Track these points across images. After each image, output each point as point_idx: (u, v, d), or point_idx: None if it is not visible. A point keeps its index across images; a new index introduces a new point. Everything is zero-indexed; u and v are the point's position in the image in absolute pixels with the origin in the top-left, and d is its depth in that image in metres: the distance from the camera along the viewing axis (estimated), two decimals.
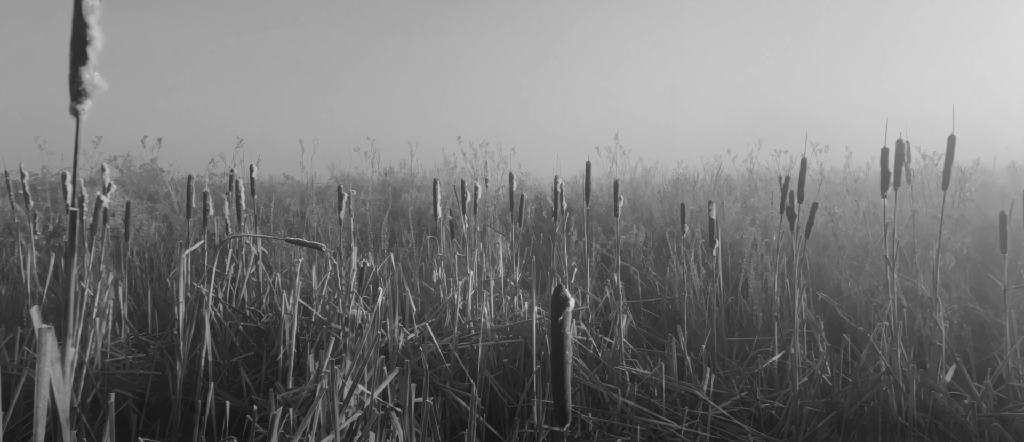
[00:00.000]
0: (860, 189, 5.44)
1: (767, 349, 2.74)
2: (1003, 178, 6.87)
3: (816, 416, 2.18)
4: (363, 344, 1.61)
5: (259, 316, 2.68)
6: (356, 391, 1.52)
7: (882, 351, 2.20)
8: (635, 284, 3.96)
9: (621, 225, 5.07)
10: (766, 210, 4.83)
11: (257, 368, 2.37)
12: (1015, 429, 1.93)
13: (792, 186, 2.70)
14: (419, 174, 7.36)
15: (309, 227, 4.72)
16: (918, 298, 3.01)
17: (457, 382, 2.43)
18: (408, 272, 3.90)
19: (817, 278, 3.81)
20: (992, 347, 2.67)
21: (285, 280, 2.89)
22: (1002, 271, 2.44)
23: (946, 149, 2.27)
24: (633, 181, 7.46)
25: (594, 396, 2.44)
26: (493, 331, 2.71)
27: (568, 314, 0.87)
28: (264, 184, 7.67)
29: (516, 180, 3.63)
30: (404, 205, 5.67)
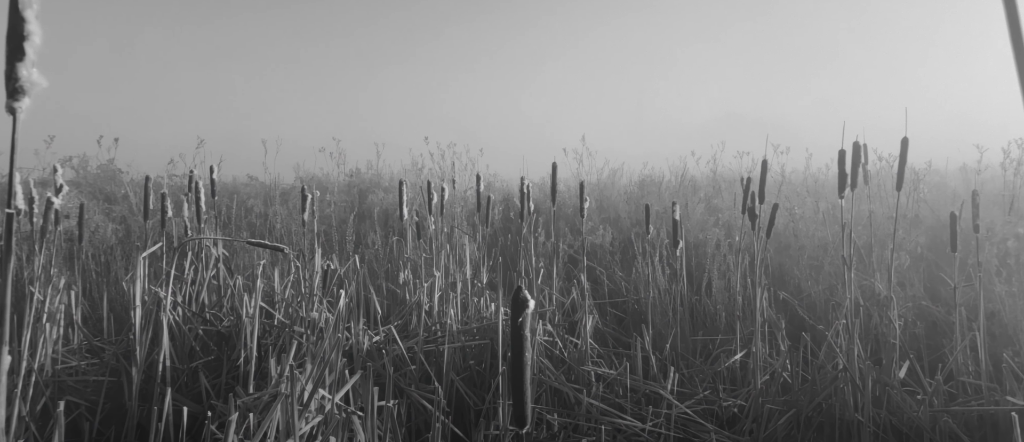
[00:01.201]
0: (820, 190, 5.57)
1: (730, 348, 2.79)
2: (955, 180, 7.09)
3: (776, 414, 2.21)
4: (325, 347, 1.59)
5: (220, 320, 2.62)
6: (317, 395, 1.49)
7: (839, 349, 2.25)
8: (602, 284, 3.99)
9: (588, 226, 5.10)
10: (729, 211, 4.91)
11: (218, 373, 2.32)
12: (964, 422, 1.99)
13: (754, 187, 2.75)
14: (386, 175, 7.30)
15: (273, 229, 4.64)
16: (875, 296, 3.09)
17: (423, 384, 2.41)
18: (374, 274, 3.86)
19: (779, 278, 3.89)
20: (944, 344, 2.76)
21: (247, 283, 2.84)
22: (953, 270, 2.52)
23: (900, 151, 2.33)
24: (600, 182, 7.51)
25: (560, 396, 2.45)
26: (459, 333, 2.70)
27: (528, 316, 0.87)
28: (227, 185, 7.51)
29: (484, 181, 3.62)
30: (371, 206, 5.62)
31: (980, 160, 4.74)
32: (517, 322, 0.86)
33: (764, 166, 2.66)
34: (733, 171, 7.27)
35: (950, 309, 2.94)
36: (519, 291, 0.87)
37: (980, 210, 2.44)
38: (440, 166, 6.43)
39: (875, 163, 5.49)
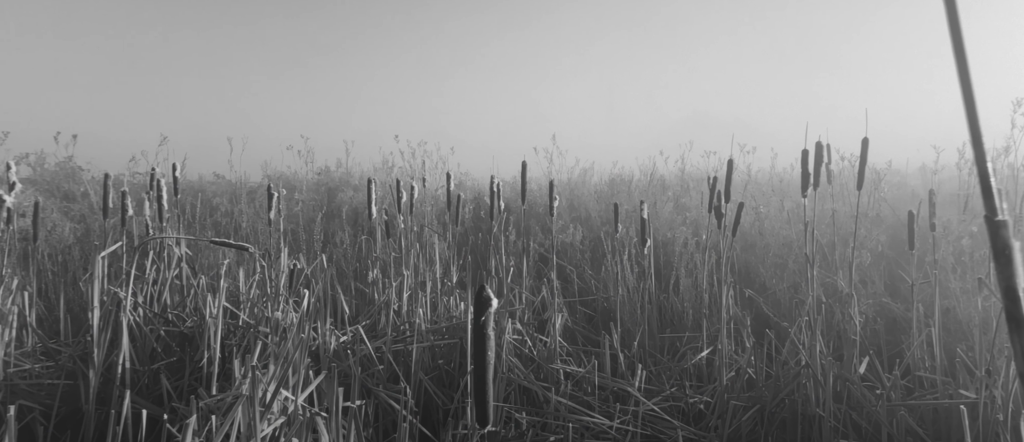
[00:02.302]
0: (785, 189, 5.68)
1: (697, 345, 2.82)
2: (915, 179, 7.29)
3: (741, 410, 2.25)
4: (288, 348, 1.57)
5: (183, 320, 2.57)
6: (280, 396, 1.47)
7: (802, 345, 2.30)
8: (572, 283, 4.01)
9: (558, 224, 5.11)
10: (697, 209, 4.97)
11: (180, 374, 2.28)
12: (920, 416, 2.05)
13: (720, 186, 2.79)
14: (356, 173, 7.22)
15: (239, 228, 4.56)
16: (838, 294, 3.16)
17: (391, 384, 2.39)
18: (343, 274, 3.82)
19: (745, 275, 3.95)
20: (903, 339, 2.83)
21: (211, 283, 2.79)
22: (912, 267, 2.59)
23: (860, 151, 2.38)
24: (571, 181, 7.54)
25: (529, 395, 2.45)
26: (428, 332, 2.69)
27: (490, 315, 0.87)
28: (193, 183, 7.37)
29: (454, 180, 3.61)
30: (340, 205, 5.56)
31: (937, 160, 4.89)
32: (480, 321, 0.86)
33: (730, 165, 2.70)
34: (701, 170, 7.37)
35: (909, 305, 3.02)
36: (482, 290, 0.86)
37: (937, 209, 2.51)
38: (410, 164, 6.39)
39: (838, 163, 5.62)
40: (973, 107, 0.44)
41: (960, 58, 0.44)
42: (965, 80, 0.44)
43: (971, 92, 0.44)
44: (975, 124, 0.44)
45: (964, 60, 0.44)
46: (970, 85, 0.44)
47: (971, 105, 0.44)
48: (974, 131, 0.44)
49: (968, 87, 0.44)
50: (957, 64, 0.45)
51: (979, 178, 0.43)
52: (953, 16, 0.44)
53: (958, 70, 0.45)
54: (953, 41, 0.45)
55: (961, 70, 0.44)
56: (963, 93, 0.45)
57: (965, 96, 0.45)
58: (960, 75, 0.45)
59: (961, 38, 0.44)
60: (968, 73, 0.44)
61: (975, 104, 0.44)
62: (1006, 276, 0.42)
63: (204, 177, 7.68)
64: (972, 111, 0.44)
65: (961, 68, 0.44)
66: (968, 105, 0.44)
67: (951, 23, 0.44)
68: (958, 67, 0.45)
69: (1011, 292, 0.42)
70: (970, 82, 0.44)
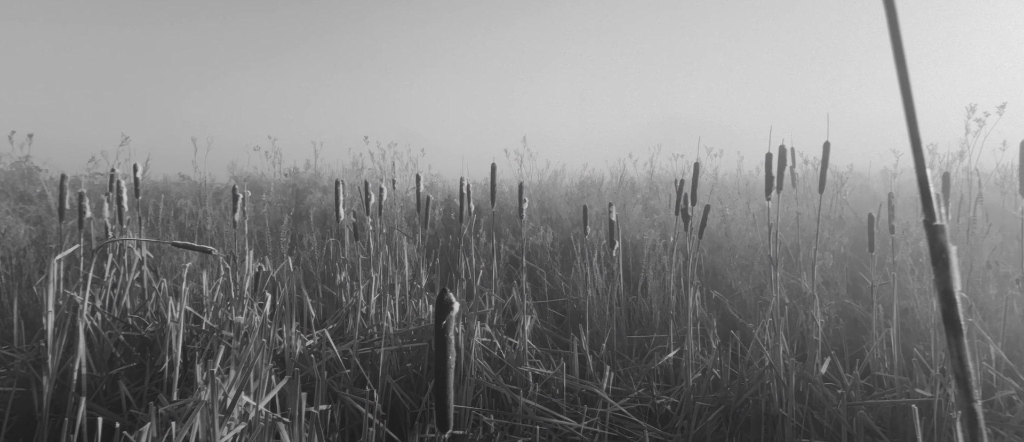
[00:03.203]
0: (751, 192, 5.77)
1: (664, 346, 2.85)
2: (877, 183, 7.47)
3: (707, 410, 2.28)
4: (249, 352, 1.54)
5: (144, 324, 2.51)
6: (242, 402, 1.45)
7: (766, 346, 2.33)
8: (542, 285, 4.01)
9: (529, 226, 5.12)
10: (665, 212, 5.02)
11: (140, 380, 2.22)
12: (879, 414, 2.10)
13: (686, 189, 2.82)
14: (325, 175, 7.14)
15: (204, 230, 4.47)
16: (801, 294, 3.22)
17: (358, 388, 2.37)
18: (310, 276, 3.77)
19: (712, 277, 4.00)
20: (863, 339, 2.90)
21: (174, 286, 2.73)
22: (872, 269, 2.65)
23: (822, 155, 2.43)
24: (542, 183, 7.56)
25: (497, 398, 2.45)
26: (396, 335, 2.67)
27: (452, 318, 0.86)
28: (157, 184, 7.20)
29: (425, 182, 3.59)
30: (308, 207, 5.49)
31: (896, 164, 5.02)
32: (441, 325, 0.85)
33: (696, 169, 2.74)
34: (669, 173, 7.45)
35: (869, 306, 3.09)
36: (443, 293, 0.86)
37: (896, 212, 2.58)
38: (380, 166, 6.33)
39: (802, 166, 5.73)
40: (913, 118, 0.45)
41: (902, 73, 0.45)
42: (906, 93, 0.45)
43: (912, 105, 0.45)
44: (915, 134, 0.45)
45: (905, 74, 0.45)
46: (911, 98, 0.45)
47: (912, 116, 0.45)
48: (914, 140, 0.45)
49: (909, 99, 0.45)
50: (899, 78, 0.46)
51: (919, 184, 0.44)
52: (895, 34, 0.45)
53: (900, 84, 0.46)
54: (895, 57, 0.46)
55: (903, 84, 0.45)
56: (904, 106, 0.46)
57: (906, 109, 0.46)
58: (902, 89, 0.46)
59: (903, 53, 0.45)
60: (909, 86, 0.46)
61: (915, 115, 0.45)
62: (943, 279, 0.43)
63: (169, 178, 7.52)
64: (912, 121, 0.45)
65: (903, 82, 0.45)
66: (909, 116, 0.45)
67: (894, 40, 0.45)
68: (900, 81, 0.46)
69: (948, 295, 0.43)
70: (911, 95, 0.46)
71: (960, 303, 0.43)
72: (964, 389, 0.41)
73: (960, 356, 0.41)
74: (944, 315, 0.43)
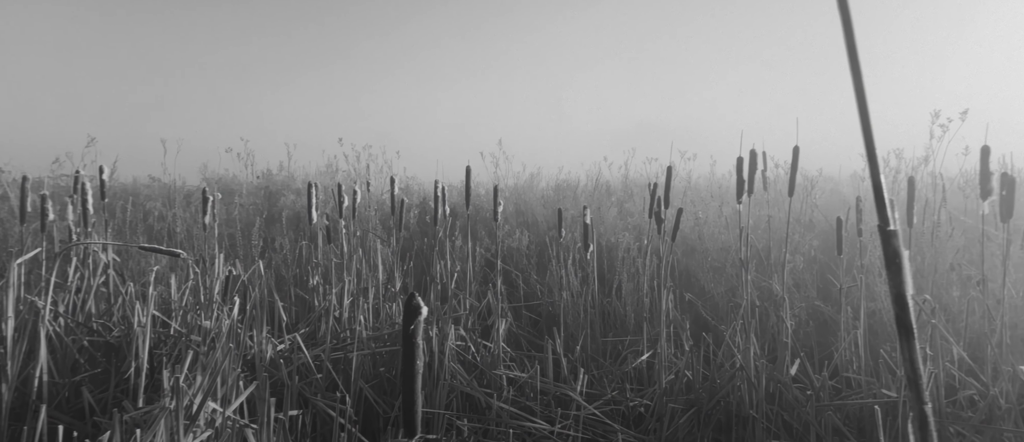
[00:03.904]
0: (723, 195, 5.84)
1: (638, 349, 2.87)
2: (847, 186, 7.61)
3: (679, 412, 2.30)
4: (217, 357, 1.51)
5: (109, 330, 2.46)
6: (208, 408, 1.42)
7: (737, 348, 2.36)
8: (518, 288, 4.02)
9: (505, 229, 5.12)
10: (640, 215, 5.06)
11: (104, 387, 2.17)
12: (847, 415, 2.13)
13: (660, 192, 2.84)
14: (299, 177, 7.06)
15: (173, 233, 4.39)
16: (772, 297, 3.26)
17: (330, 393, 2.34)
18: (282, 280, 3.73)
19: (685, 279, 4.04)
20: (833, 341, 2.95)
21: (141, 290, 2.67)
22: (841, 271, 2.70)
23: (791, 159, 2.47)
24: (518, 186, 7.57)
25: (471, 401, 2.44)
26: (370, 339, 2.65)
27: (420, 323, 0.86)
28: (127, 186, 7.07)
29: (400, 184, 3.57)
30: (281, 209, 5.43)
31: (865, 168, 5.12)
32: (409, 329, 0.85)
33: (669, 172, 2.76)
34: (644, 176, 7.51)
35: (838, 308, 3.15)
36: (412, 298, 0.86)
37: (864, 215, 2.62)
38: (355, 168, 6.29)
39: (773, 170, 5.82)
40: (868, 127, 0.46)
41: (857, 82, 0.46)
42: (862, 103, 0.46)
43: (867, 114, 0.46)
44: (870, 142, 0.46)
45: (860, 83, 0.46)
46: (866, 107, 0.46)
47: (867, 125, 0.46)
48: (869, 148, 0.46)
49: (864, 108, 0.46)
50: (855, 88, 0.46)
51: (873, 190, 0.45)
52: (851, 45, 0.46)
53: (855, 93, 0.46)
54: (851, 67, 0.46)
55: (858, 93, 0.46)
56: (860, 115, 0.47)
57: (862, 118, 0.46)
58: (857, 98, 0.46)
59: (858, 64, 0.46)
60: (864, 95, 0.46)
61: (870, 124, 0.46)
62: (896, 283, 0.44)
63: (139, 180, 7.39)
64: (867, 130, 0.46)
65: (858, 91, 0.46)
66: (864, 125, 0.46)
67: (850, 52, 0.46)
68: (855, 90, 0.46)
69: (901, 299, 0.43)
70: (866, 104, 0.46)
71: (912, 307, 0.44)
72: (915, 391, 0.42)
73: (911, 359, 0.42)
74: (897, 319, 0.44)
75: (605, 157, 7.48)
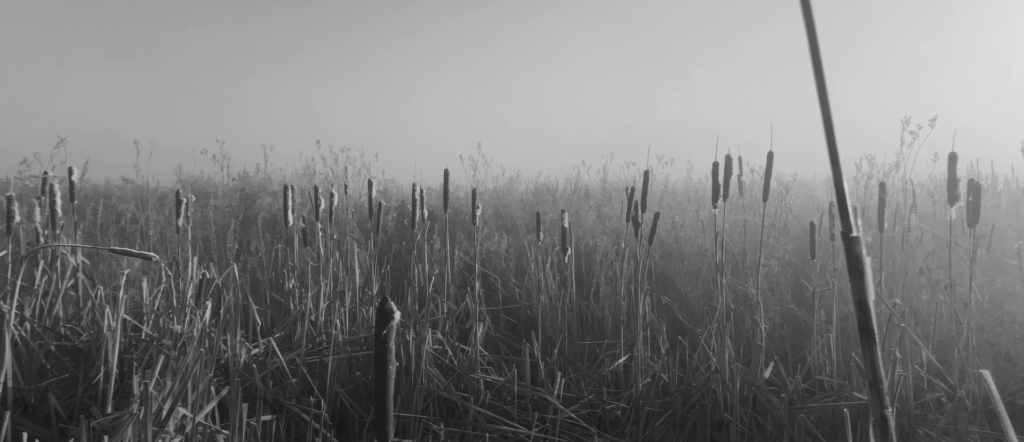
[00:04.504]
0: (700, 199, 5.90)
1: (615, 352, 2.88)
2: (821, 191, 7.73)
3: (655, 415, 2.31)
4: (188, 361, 1.49)
5: (78, 334, 2.41)
6: (178, 414, 1.40)
7: (712, 351, 2.38)
8: (496, 291, 4.01)
9: (484, 233, 5.12)
10: (618, 218, 5.09)
11: (72, 392, 2.13)
12: (820, 418, 2.16)
13: (637, 196, 2.86)
14: (276, 179, 6.99)
15: (146, 235, 4.32)
16: (748, 300, 3.30)
17: (305, 398, 2.32)
18: (258, 283, 3.68)
19: (662, 283, 4.07)
20: (806, 344, 2.99)
21: (111, 293, 2.62)
22: (815, 275, 2.74)
23: (766, 164, 2.50)
24: (497, 190, 7.57)
25: (448, 406, 2.43)
26: (346, 343, 2.63)
27: (392, 328, 0.85)
28: (98, 188, 6.93)
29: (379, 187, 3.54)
30: (257, 212, 5.36)
31: None
32: (382, 334, 0.84)
33: (646, 176, 2.78)
34: (623, 180, 7.56)
35: (812, 312, 3.19)
36: (384, 302, 0.85)
37: (837, 220, 2.67)
38: (333, 171, 6.24)
39: (748, 175, 5.89)
40: (832, 136, 0.46)
41: (821, 89, 0.46)
42: (825, 111, 0.47)
43: (830, 123, 0.47)
44: (833, 148, 0.46)
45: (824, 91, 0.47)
46: (830, 116, 0.47)
47: (830, 134, 0.46)
48: (833, 154, 0.46)
49: (828, 117, 0.47)
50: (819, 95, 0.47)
51: (836, 197, 0.46)
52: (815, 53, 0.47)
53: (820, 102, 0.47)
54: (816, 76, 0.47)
55: (822, 102, 0.47)
56: (824, 125, 0.47)
57: (825, 124, 0.47)
58: (821, 107, 0.47)
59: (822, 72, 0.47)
60: (828, 104, 0.47)
61: (834, 133, 0.46)
62: (858, 289, 0.44)
63: (111, 181, 7.25)
64: (831, 139, 0.46)
65: (822, 98, 0.47)
66: (828, 134, 0.46)
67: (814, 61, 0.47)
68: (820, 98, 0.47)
69: (863, 304, 0.44)
70: (830, 113, 0.47)
71: (874, 313, 0.44)
72: (876, 396, 0.43)
73: (873, 364, 0.43)
74: (859, 324, 0.44)
75: (583, 161, 7.51)
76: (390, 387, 0.83)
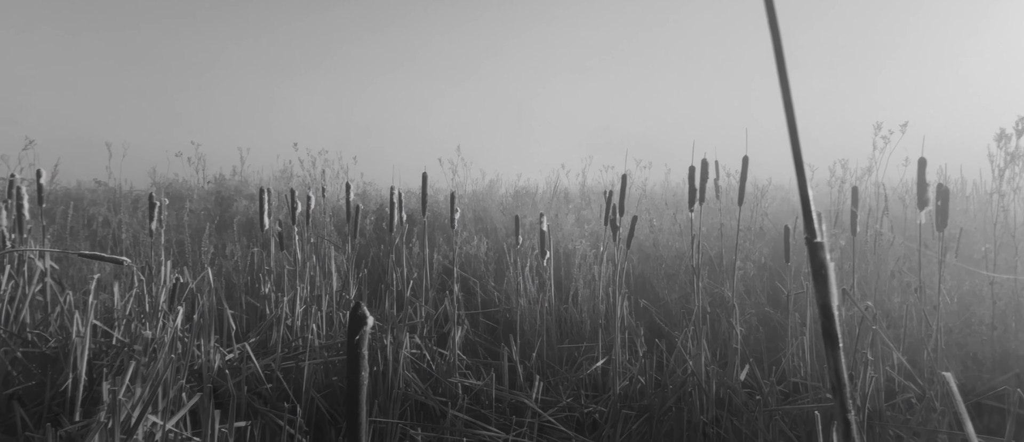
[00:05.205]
0: (678, 203, 5.95)
1: (593, 355, 2.89)
2: (796, 195, 7.82)
3: (632, 418, 2.32)
4: (158, 367, 1.46)
5: (46, 340, 2.35)
6: (147, 421, 1.37)
7: (688, 353, 2.40)
8: (475, 295, 4.00)
9: (463, 236, 5.11)
10: (596, 221, 5.11)
11: (39, 400, 2.08)
12: (794, 420, 2.19)
13: (615, 200, 2.88)
14: (253, 182, 6.91)
15: (119, 239, 4.24)
16: (724, 303, 3.33)
17: (281, 404, 2.29)
18: (234, 287, 3.64)
19: (640, 286, 4.09)
20: (781, 346, 3.02)
21: (81, 298, 2.57)
22: (789, 278, 2.77)
23: (741, 169, 2.53)
24: (477, 193, 7.57)
25: (426, 410, 2.42)
26: (322, 348, 2.60)
27: (365, 333, 0.84)
28: (70, 190, 6.80)
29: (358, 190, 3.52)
30: (233, 215, 5.30)
31: (812, 177, 5.29)
32: (354, 340, 0.83)
33: (623, 180, 2.80)
34: (601, 184, 7.60)
35: (787, 314, 3.23)
36: (356, 307, 0.84)
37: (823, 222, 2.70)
38: (311, 174, 6.18)
39: (725, 179, 5.95)
40: (796, 143, 0.47)
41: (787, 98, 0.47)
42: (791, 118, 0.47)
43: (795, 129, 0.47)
44: (798, 155, 0.47)
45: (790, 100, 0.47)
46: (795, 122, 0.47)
47: (795, 141, 0.47)
48: (797, 162, 0.47)
49: (793, 124, 0.47)
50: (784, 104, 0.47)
51: (801, 203, 0.46)
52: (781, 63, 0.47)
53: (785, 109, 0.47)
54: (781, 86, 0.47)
55: (787, 109, 0.47)
56: (789, 130, 0.48)
57: (791, 133, 0.47)
58: (787, 114, 0.47)
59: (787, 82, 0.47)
60: (793, 111, 0.47)
61: (798, 138, 0.47)
62: (822, 294, 0.45)
63: (83, 184, 7.12)
64: (796, 146, 0.47)
65: (787, 107, 0.47)
66: (793, 141, 0.47)
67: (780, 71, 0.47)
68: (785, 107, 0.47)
69: (826, 309, 0.45)
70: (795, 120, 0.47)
71: (838, 317, 0.45)
72: (840, 400, 0.43)
73: (836, 368, 0.43)
74: (822, 329, 0.45)
75: (563, 165, 7.54)
76: (362, 393, 0.83)
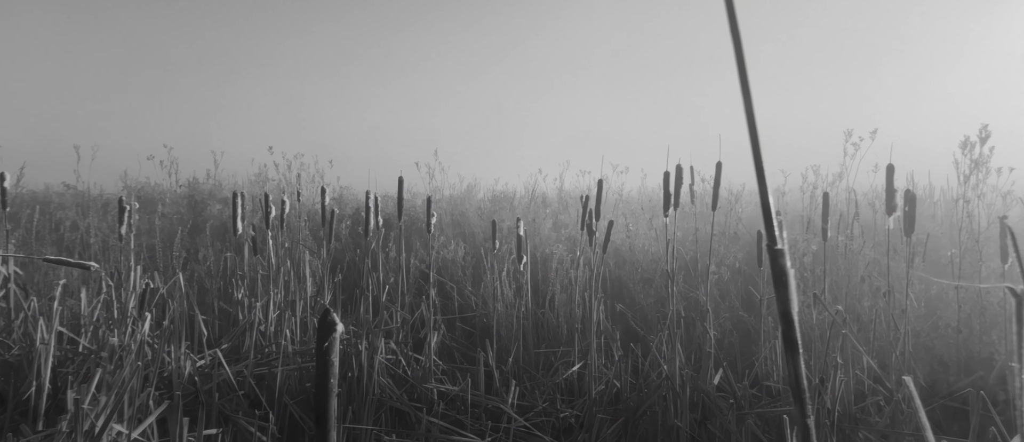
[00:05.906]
0: (654, 208, 6.00)
1: (570, 360, 2.89)
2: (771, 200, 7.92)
3: (607, 422, 2.33)
4: (124, 375, 1.43)
5: (8, 347, 2.30)
6: (112, 430, 1.34)
7: (663, 358, 2.42)
8: (452, 300, 3.99)
9: (441, 241, 5.09)
10: (574, 226, 5.13)
11: (1, 409, 2.02)
12: (767, 423, 2.21)
13: (591, 205, 2.89)
14: (227, 185, 6.81)
15: (87, 244, 4.15)
16: (699, 307, 3.36)
17: (253, 411, 2.26)
18: (206, 292, 3.58)
19: (617, 290, 4.11)
20: (755, 350, 3.05)
21: (46, 304, 2.51)
22: (763, 282, 2.80)
23: (715, 174, 2.56)
24: (454, 197, 7.55)
25: (401, 416, 2.40)
26: (296, 354, 2.57)
27: (335, 340, 0.83)
28: (37, 194, 6.65)
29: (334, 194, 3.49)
30: (207, 219, 5.22)
31: (784, 183, 5.38)
32: (323, 346, 0.82)
33: (599, 185, 2.81)
34: (579, 188, 7.63)
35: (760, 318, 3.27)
36: (326, 313, 0.83)
37: (783, 229, 2.74)
38: (286, 178, 6.12)
39: (700, 184, 6.01)
40: (758, 150, 0.47)
41: (748, 105, 0.47)
42: (751, 126, 0.48)
43: (756, 136, 0.48)
44: (759, 163, 0.47)
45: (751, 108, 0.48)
46: (755, 130, 0.48)
47: (756, 147, 0.47)
48: (759, 169, 0.48)
49: (754, 131, 0.48)
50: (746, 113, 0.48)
51: (762, 211, 0.47)
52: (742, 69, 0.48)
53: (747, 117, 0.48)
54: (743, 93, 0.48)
55: (749, 117, 0.48)
56: (751, 137, 0.48)
57: (752, 139, 0.48)
58: (748, 121, 0.48)
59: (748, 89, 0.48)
60: (754, 119, 0.48)
61: (759, 145, 0.48)
62: (783, 300, 0.46)
63: (51, 187, 6.97)
64: (757, 152, 0.47)
65: (749, 115, 0.48)
66: (754, 148, 0.48)
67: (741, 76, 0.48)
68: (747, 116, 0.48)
69: (787, 316, 0.45)
70: (755, 127, 0.48)
71: (797, 323, 0.45)
72: (799, 405, 0.44)
73: (796, 373, 0.44)
74: (783, 335, 0.45)
75: (540, 169, 7.56)
76: (332, 402, 0.82)
